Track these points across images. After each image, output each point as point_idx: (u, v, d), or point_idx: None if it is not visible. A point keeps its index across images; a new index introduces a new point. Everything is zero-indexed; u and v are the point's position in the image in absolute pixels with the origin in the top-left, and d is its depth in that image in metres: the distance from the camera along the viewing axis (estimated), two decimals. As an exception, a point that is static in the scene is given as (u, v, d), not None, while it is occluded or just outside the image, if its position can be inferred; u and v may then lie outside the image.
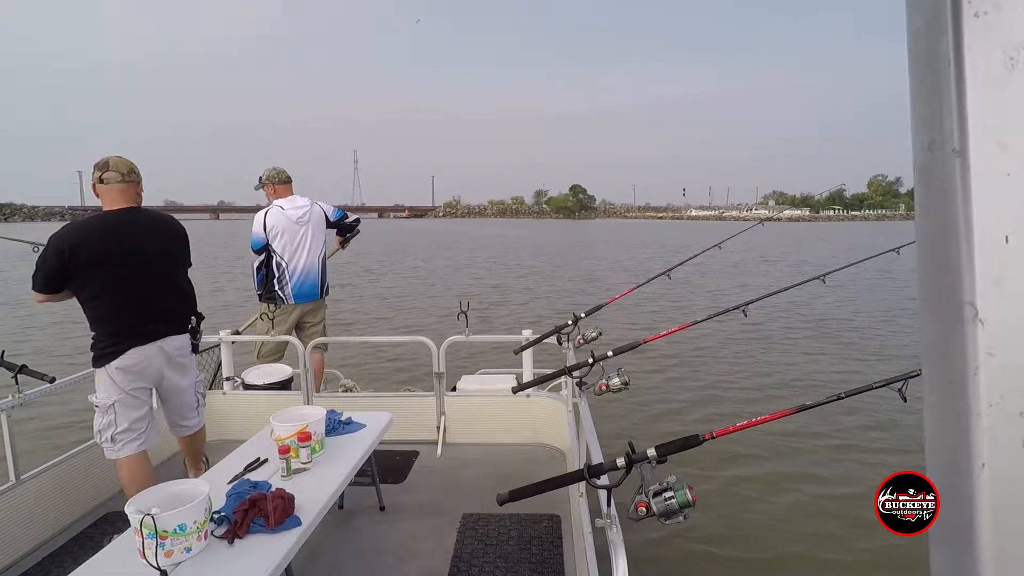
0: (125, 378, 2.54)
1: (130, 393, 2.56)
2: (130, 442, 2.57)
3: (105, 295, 2.50)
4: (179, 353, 2.71)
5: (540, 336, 3.22)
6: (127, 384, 2.55)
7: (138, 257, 2.55)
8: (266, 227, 4.02)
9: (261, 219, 4.04)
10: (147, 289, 2.59)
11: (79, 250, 2.43)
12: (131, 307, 2.54)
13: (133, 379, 2.56)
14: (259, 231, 4.03)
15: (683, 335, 3.22)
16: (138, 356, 2.55)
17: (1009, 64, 0.47)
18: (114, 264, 2.49)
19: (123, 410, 2.55)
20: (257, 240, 4.05)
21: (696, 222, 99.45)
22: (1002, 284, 0.47)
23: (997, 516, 0.48)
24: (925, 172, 0.51)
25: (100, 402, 2.56)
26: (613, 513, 1.37)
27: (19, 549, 2.55)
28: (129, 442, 2.57)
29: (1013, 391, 0.48)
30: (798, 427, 5.43)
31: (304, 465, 2.31)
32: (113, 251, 2.49)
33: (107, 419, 2.55)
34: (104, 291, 2.50)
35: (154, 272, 2.62)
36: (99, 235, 2.49)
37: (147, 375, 2.60)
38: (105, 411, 2.55)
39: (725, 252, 4.34)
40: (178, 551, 1.68)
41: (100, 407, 2.56)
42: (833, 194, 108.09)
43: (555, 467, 3.35)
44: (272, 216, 4.03)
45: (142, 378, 2.59)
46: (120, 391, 2.54)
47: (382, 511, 2.90)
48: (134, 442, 2.59)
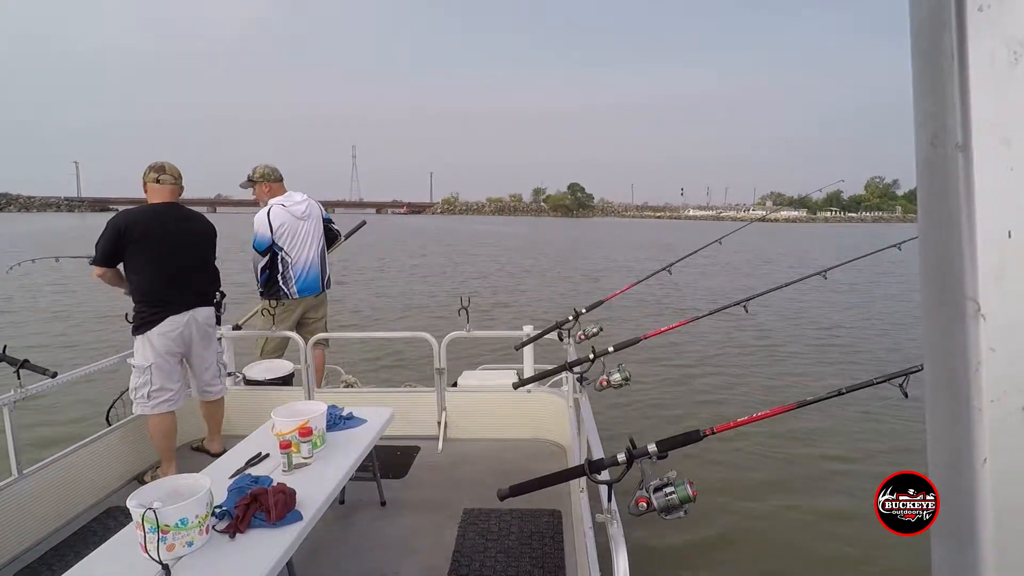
0: (162, 342, 3.03)
1: (166, 358, 3.05)
2: (162, 402, 3.06)
3: (148, 270, 3.01)
4: (207, 322, 3.23)
5: (541, 332, 3.23)
6: (163, 348, 3.03)
7: (176, 240, 3.08)
8: (273, 227, 3.91)
9: (265, 220, 3.91)
10: (182, 267, 3.09)
11: (130, 231, 2.95)
12: (169, 280, 3.04)
13: (169, 344, 3.04)
14: (265, 232, 3.91)
15: (684, 331, 3.23)
16: (174, 324, 3.05)
17: (1012, 59, 0.46)
18: (157, 245, 3.01)
19: (158, 372, 3.04)
20: (263, 241, 3.94)
21: (693, 222, 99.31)
22: (1004, 279, 0.47)
23: (998, 511, 0.48)
24: (928, 167, 0.51)
25: (138, 363, 3.04)
26: (614, 508, 1.38)
27: (21, 543, 2.55)
28: (161, 401, 3.06)
29: (1015, 386, 0.48)
30: (799, 423, 5.43)
31: (305, 460, 2.31)
32: (157, 234, 3.02)
33: (144, 379, 3.03)
34: (147, 266, 3.00)
35: (188, 254, 3.13)
36: (146, 220, 3.02)
37: (181, 340, 3.09)
38: (142, 371, 3.03)
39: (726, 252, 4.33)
40: (180, 545, 1.68)
41: (138, 367, 3.04)
42: (830, 195, 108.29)
43: (556, 463, 3.36)
44: (277, 215, 3.94)
45: (176, 343, 3.08)
46: (157, 355, 3.03)
47: (383, 506, 2.91)
48: (165, 403, 3.07)
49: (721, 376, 7.29)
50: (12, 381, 2.63)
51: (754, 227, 4.08)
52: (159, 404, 3.05)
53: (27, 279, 13.48)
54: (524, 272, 19.00)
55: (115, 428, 3.22)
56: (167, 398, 3.07)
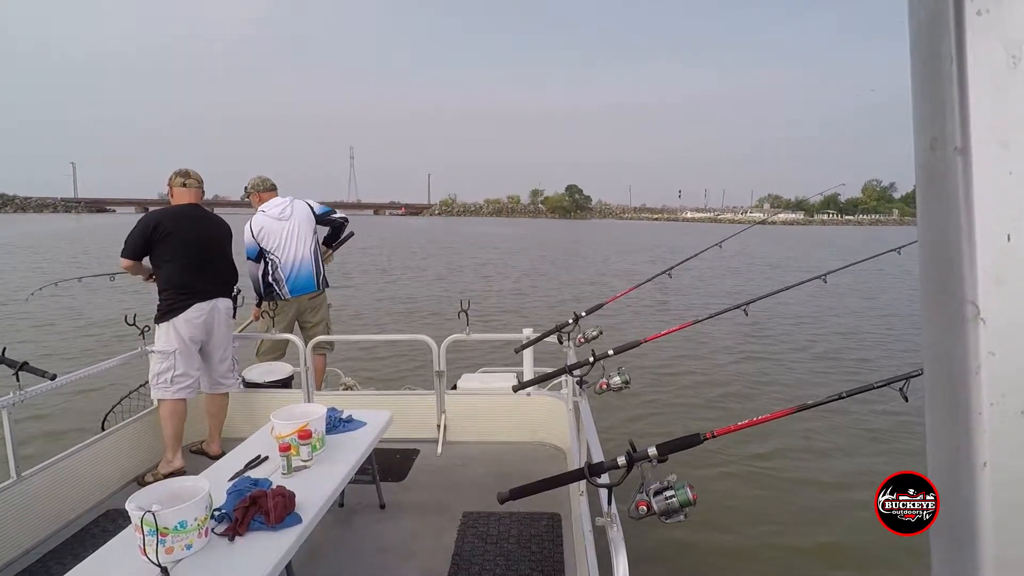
0: (187, 329, 3.25)
1: (188, 344, 3.25)
2: (184, 387, 3.26)
3: (176, 261, 3.27)
4: (228, 312, 3.47)
5: (541, 335, 3.22)
6: (187, 335, 3.25)
7: (200, 235, 3.37)
8: (255, 233, 4.11)
9: (248, 228, 4.14)
10: (206, 259, 3.37)
11: (160, 227, 3.24)
12: (194, 271, 3.30)
13: (193, 331, 3.26)
14: (250, 240, 4.13)
15: (684, 334, 3.22)
16: (199, 311, 3.29)
17: (1011, 62, 0.47)
18: (183, 240, 3.28)
19: (181, 358, 3.25)
20: (251, 248, 4.14)
21: (691, 224, 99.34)
22: (1004, 283, 0.47)
23: (998, 515, 0.48)
24: (927, 171, 0.51)
25: (162, 348, 3.23)
26: (613, 512, 1.37)
27: (20, 546, 2.55)
28: (183, 387, 3.26)
29: (1014, 390, 0.48)
30: (799, 426, 5.43)
31: (305, 463, 2.31)
32: (184, 228, 3.31)
33: (167, 363, 3.23)
34: (175, 258, 3.27)
35: (210, 248, 3.41)
36: (174, 217, 3.31)
37: (204, 327, 3.31)
38: (166, 357, 3.23)
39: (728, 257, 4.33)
40: (179, 548, 1.68)
41: (162, 353, 3.24)
42: (828, 197, 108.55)
43: (555, 466, 3.35)
44: (256, 221, 4.14)
45: (200, 329, 3.29)
46: (181, 340, 3.24)
47: (382, 509, 2.90)
48: (186, 388, 3.27)
49: (721, 380, 7.29)
50: (11, 383, 2.62)
51: (755, 230, 4.07)
52: (180, 389, 3.24)
53: (65, 299, 12.08)
54: (523, 275, 18.99)
55: (114, 430, 3.22)
56: (188, 384, 3.27)
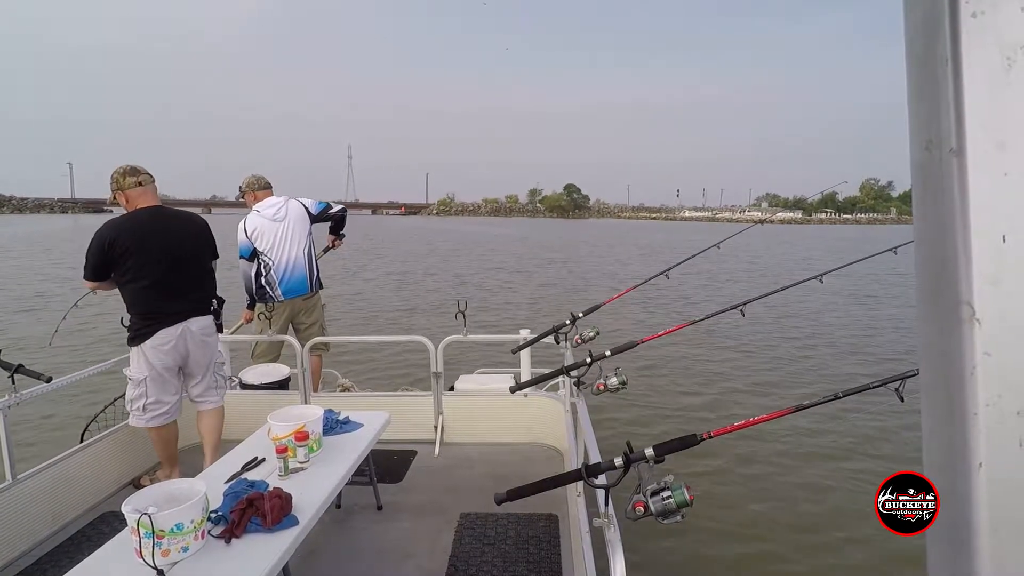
0: (156, 356, 2.91)
1: (160, 372, 2.93)
2: (158, 415, 2.97)
3: (137, 282, 2.86)
4: (204, 332, 3.05)
5: (538, 335, 3.22)
6: (158, 362, 2.91)
7: (166, 247, 2.92)
8: (248, 233, 4.08)
9: (242, 228, 4.11)
10: (173, 276, 2.93)
11: (116, 243, 2.82)
12: (159, 291, 2.90)
13: (163, 357, 2.92)
14: (243, 239, 4.10)
15: (681, 335, 3.23)
16: (166, 336, 2.91)
17: (1006, 64, 0.47)
18: (146, 255, 2.86)
19: (153, 385, 2.93)
20: (244, 248, 4.11)
21: (689, 223, 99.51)
22: (999, 283, 0.47)
23: (994, 515, 0.48)
24: (923, 172, 0.51)
25: (133, 376, 2.94)
26: (611, 512, 1.37)
27: (16, 549, 2.54)
28: (158, 415, 2.96)
29: (1010, 390, 0.48)
30: (796, 427, 5.44)
31: (301, 464, 2.30)
32: (145, 244, 2.87)
33: (138, 391, 2.94)
34: (136, 278, 2.86)
35: (179, 261, 2.96)
36: (132, 231, 2.87)
37: (175, 352, 2.95)
38: (137, 384, 2.94)
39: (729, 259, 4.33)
40: (175, 550, 1.67)
41: (133, 380, 2.95)
42: (826, 196, 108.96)
43: (553, 467, 3.35)
44: (251, 221, 4.11)
45: (170, 355, 2.94)
46: (151, 368, 2.91)
47: (379, 510, 2.90)
48: (161, 416, 2.97)
49: (718, 380, 7.30)
50: (7, 386, 2.61)
51: (754, 230, 4.07)
52: (155, 417, 2.95)
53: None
54: (521, 275, 18.99)
55: (110, 433, 3.20)
56: (163, 411, 2.96)
